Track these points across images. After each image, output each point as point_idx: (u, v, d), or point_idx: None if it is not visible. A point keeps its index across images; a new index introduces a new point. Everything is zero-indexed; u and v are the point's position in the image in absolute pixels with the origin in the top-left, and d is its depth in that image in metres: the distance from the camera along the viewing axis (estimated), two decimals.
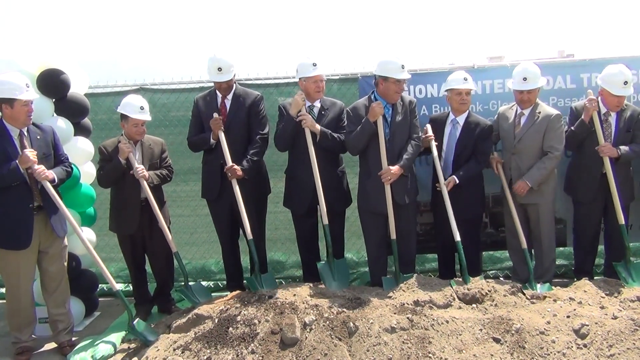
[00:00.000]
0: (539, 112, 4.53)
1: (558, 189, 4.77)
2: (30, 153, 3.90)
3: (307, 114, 4.48)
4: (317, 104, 4.63)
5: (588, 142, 4.55)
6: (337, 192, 4.69)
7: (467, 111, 4.60)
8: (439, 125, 4.63)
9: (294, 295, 3.98)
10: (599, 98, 4.55)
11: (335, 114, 4.64)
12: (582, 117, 4.52)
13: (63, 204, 4.06)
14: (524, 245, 4.54)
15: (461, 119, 4.58)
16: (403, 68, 4.31)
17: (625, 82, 4.46)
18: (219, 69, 4.51)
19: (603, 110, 4.57)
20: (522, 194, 4.50)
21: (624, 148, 4.48)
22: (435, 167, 4.49)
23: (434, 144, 4.49)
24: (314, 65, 4.50)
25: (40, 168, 3.93)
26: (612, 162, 4.47)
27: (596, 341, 3.44)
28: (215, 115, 4.53)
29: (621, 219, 4.47)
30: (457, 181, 4.44)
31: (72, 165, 4.36)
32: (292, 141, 4.59)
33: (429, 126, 4.60)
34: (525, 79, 4.48)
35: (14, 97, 3.90)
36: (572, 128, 4.56)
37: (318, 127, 4.48)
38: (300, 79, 4.58)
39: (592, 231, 4.76)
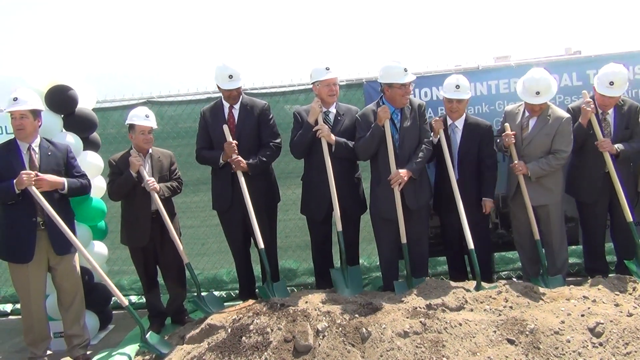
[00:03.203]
0: (549, 115, 4.47)
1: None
2: (26, 176, 3.92)
3: (324, 124, 4.48)
4: (333, 110, 4.64)
5: (589, 142, 4.52)
6: (353, 198, 4.69)
7: (464, 115, 4.58)
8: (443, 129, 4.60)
9: (306, 302, 3.98)
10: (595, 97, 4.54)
11: (352, 120, 4.63)
12: (580, 120, 4.49)
13: (62, 221, 4.03)
14: (537, 236, 4.50)
15: (460, 123, 4.57)
16: (406, 71, 4.28)
17: (611, 83, 4.41)
18: (230, 77, 4.54)
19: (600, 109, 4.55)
20: (519, 172, 4.44)
21: (619, 146, 4.44)
22: (444, 157, 4.45)
23: (442, 133, 4.48)
24: (327, 69, 4.52)
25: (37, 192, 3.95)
26: (613, 160, 4.44)
27: (612, 339, 3.40)
28: (231, 141, 4.50)
29: (629, 217, 4.42)
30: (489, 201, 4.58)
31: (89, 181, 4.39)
32: (309, 148, 4.60)
33: (438, 118, 4.60)
34: (538, 93, 4.38)
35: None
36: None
37: (333, 137, 4.48)
38: (313, 83, 4.60)
39: (599, 230, 4.74)
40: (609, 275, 4.53)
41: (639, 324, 3.45)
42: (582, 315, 3.58)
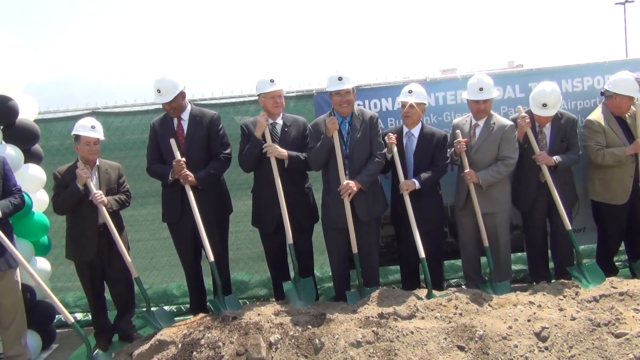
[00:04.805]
0: (494, 123, 4.61)
1: None
2: None
3: (272, 144, 4.43)
4: (279, 121, 4.62)
5: (525, 153, 4.69)
6: (304, 209, 4.69)
7: (421, 123, 4.65)
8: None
9: (258, 314, 3.94)
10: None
11: (299, 131, 4.65)
12: (516, 133, 4.65)
13: (4, 236, 3.89)
14: (486, 243, 4.60)
15: (415, 131, 4.62)
16: (340, 80, 4.34)
17: (544, 104, 4.59)
18: (158, 91, 4.48)
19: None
20: (469, 181, 4.54)
21: (557, 157, 4.61)
22: (397, 173, 4.50)
23: (395, 149, 4.52)
24: (272, 81, 4.51)
25: None
26: (550, 170, 4.61)
27: (557, 343, 3.51)
28: (179, 159, 4.43)
29: (567, 225, 4.59)
30: (418, 186, 4.46)
31: (25, 196, 4.23)
32: (258, 162, 4.57)
33: (390, 134, 4.62)
34: (481, 89, 4.55)
35: None
36: None
37: (285, 153, 4.46)
38: (259, 95, 4.59)
39: (539, 237, 4.94)
40: (553, 280, 4.68)
41: (582, 327, 3.58)
42: (529, 321, 3.69)
